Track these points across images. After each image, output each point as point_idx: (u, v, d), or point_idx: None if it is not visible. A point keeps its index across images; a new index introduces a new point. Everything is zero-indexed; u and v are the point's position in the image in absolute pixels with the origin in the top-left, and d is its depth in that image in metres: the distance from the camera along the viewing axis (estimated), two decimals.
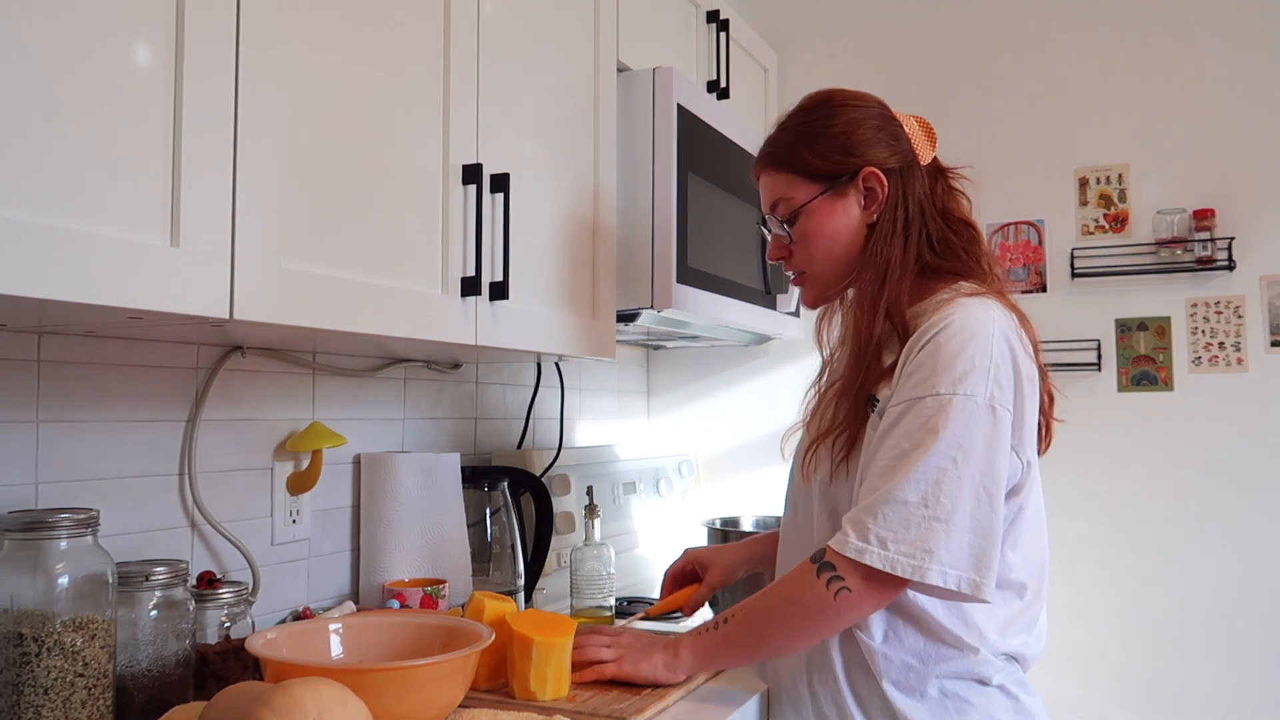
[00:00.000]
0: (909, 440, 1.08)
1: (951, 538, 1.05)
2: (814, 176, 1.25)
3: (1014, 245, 2.50)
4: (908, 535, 1.05)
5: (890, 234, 1.22)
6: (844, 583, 1.08)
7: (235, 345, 1.40)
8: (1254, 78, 2.31)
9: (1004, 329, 1.13)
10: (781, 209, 1.28)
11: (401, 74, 1.23)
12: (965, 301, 1.15)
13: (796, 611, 1.13)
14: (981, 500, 1.07)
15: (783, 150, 1.28)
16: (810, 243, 1.26)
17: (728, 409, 2.61)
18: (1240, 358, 2.29)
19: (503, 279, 1.36)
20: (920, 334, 1.13)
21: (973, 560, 1.05)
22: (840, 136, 1.24)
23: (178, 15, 0.93)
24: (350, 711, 0.87)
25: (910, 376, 1.11)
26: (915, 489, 1.06)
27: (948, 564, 1.05)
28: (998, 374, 1.10)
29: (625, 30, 1.79)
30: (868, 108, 1.27)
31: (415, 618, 1.25)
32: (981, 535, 1.06)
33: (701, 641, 1.21)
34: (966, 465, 1.06)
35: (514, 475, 1.82)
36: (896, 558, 1.05)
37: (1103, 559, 2.37)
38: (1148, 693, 2.32)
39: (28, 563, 0.97)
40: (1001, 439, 1.09)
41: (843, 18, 2.63)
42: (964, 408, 1.07)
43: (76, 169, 0.84)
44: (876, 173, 1.23)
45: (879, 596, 1.09)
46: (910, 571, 1.05)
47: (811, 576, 1.10)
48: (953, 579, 1.05)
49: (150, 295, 0.90)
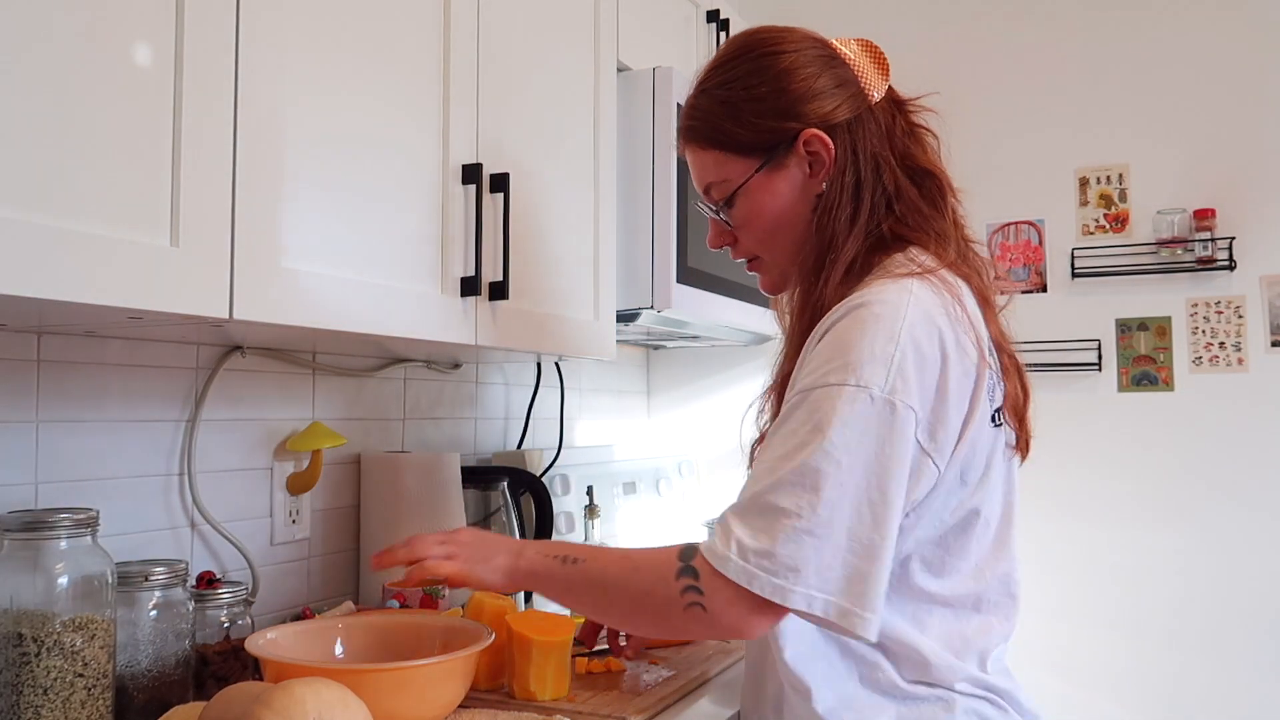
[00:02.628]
0: (794, 438, 0.91)
1: (824, 555, 0.87)
2: (745, 150, 1.06)
3: (1014, 245, 2.50)
4: (773, 547, 0.87)
5: (836, 205, 1.03)
6: (701, 597, 0.91)
7: (235, 345, 1.40)
8: (1254, 78, 2.31)
9: (922, 313, 0.95)
10: (715, 192, 1.10)
11: (401, 73, 1.23)
12: (884, 284, 0.97)
13: (642, 602, 0.97)
14: (863, 514, 0.88)
15: (704, 123, 1.09)
16: (753, 226, 1.09)
17: (728, 409, 2.60)
18: (1240, 358, 2.29)
19: (503, 279, 1.36)
20: (827, 316, 0.97)
21: (845, 583, 0.87)
22: (770, 97, 1.04)
23: (178, 15, 0.93)
24: (350, 711, 0.87)
25: (804, 367, 0.96)
26: (789, 494, 0.88)
27: (814, 586, 0.87)
28: (903, 364, 0.91)
29: (625, 30, 1.79)
30: (800, 50, 1.06)
31: (415, 618, 1.25)
32: (860, 554, 0.88)
33: (543, 565, 1.03)
34: (851, 470, 0.88)
35: (514, 475, 1.81)
36: (755, 572, 0.88)
37: (1103, 559, 2.37)
38: (1148, 692, 2.32)
39: (27, 563, 0.97)
40: (900, 441, 0.90)
41: (842, 18, 2.63)
42: (855, 400, 0.89)
43: (76, 169, 0.84)
44: (818, 134, 1.03)
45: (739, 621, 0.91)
46: (770, 591, 0.87)
47: (670, 574, 0.93)
48: (819, 604, 0.87)
49: (150, 295, 0.90)
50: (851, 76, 1.06)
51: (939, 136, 1.11)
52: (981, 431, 0.99)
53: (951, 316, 0.97)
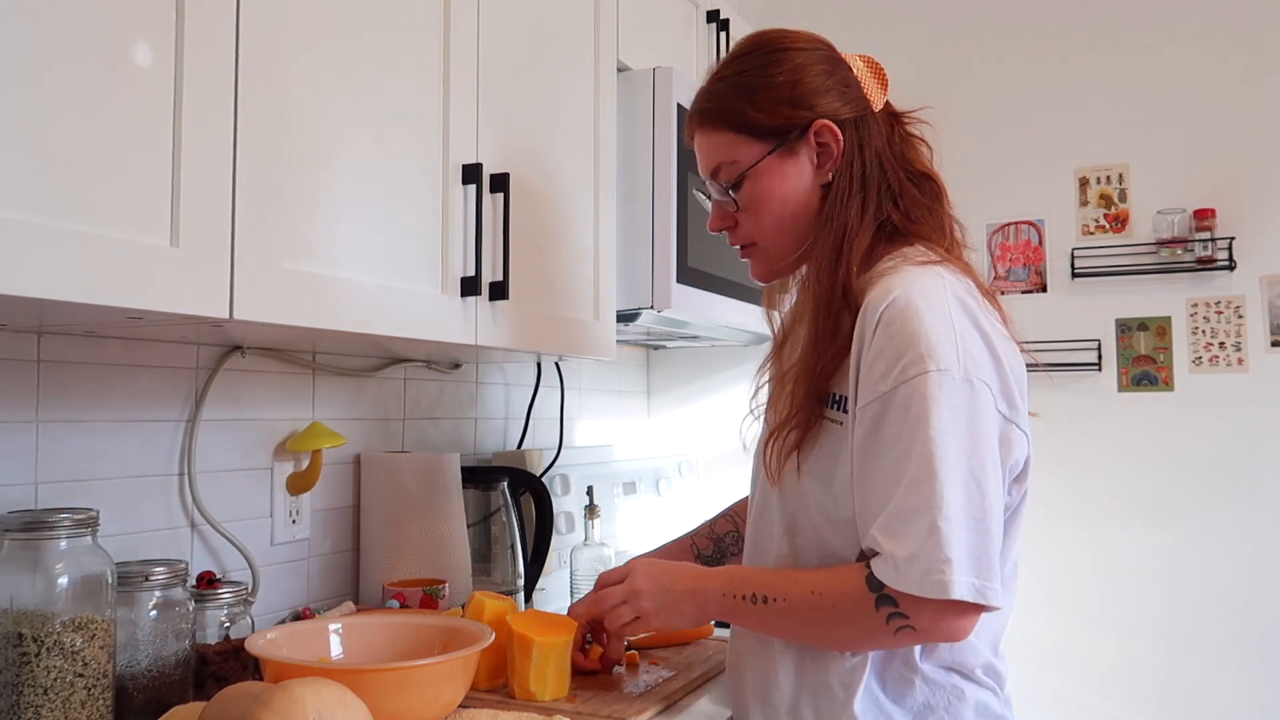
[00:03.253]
0: (899, 441, 0.95)
1: (954, 538, 0.92)
2: (759, 134, 1.10)
3: (1014, 245, 2.50)
4: (922, 548, 0.92)
5: (847, 194, 1.07)
6: (907, 621, 0.95)
7: (235, 345, 1.40)
8: (1254, 78, 2.31)
9: (957, 294, 1.00)
10: (724, 173, 1.13)
11: (402, 73, 1.23)
12: (910, 271, 1.01)
13: (850, 634, 1.01)
14: (972, 490, 0.93)
15: (720, 105, 1.12)
16: (759, 209, 1.11)
17: (728, 409, 2.61)
18: (1240, 358, 2.29)
19: (503, 279, 1.36)
20: (866, 313, 1.00)
21: (974, 562, 0.92)
22: (786, 86, 1.09)
23: (178, 15, 0.93)
24: (350, 711, 0.87)
25: (873, 368, 0.98)
26: (915, 491, 0.93)
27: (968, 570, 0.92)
28: (965, 342, 0.96)
29: (625, 30, 1.79)
30: (813, 50, 1.12)
31: (415, 618, 1.25)
32: (978, 531, 0.93)
33: (735, 608, 1.07)
34: (954, 450, 0.93)
35: (514, 475, 1.81)
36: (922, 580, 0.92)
37: (1103, 558, 2.37)
38: (1153, 692, 2.32)
39: (27, 563, 0.97)
40: (986, 416, 0.96)
41: (842, 18, 2.64)
42: (939, 384, 0.93)
43: (76, 169, 0.84)
44: (830, 125, 1.08)
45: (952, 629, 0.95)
46: (934, 590, 0.91)
47: (870, 607, 0.96)
48: (972, 588, 0.92)
49: (150, 295, 0.90)
50: (855, 81, 1.12)
51: (932, 147, 1.16)
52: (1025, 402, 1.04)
53: (976, 298, 1.03)
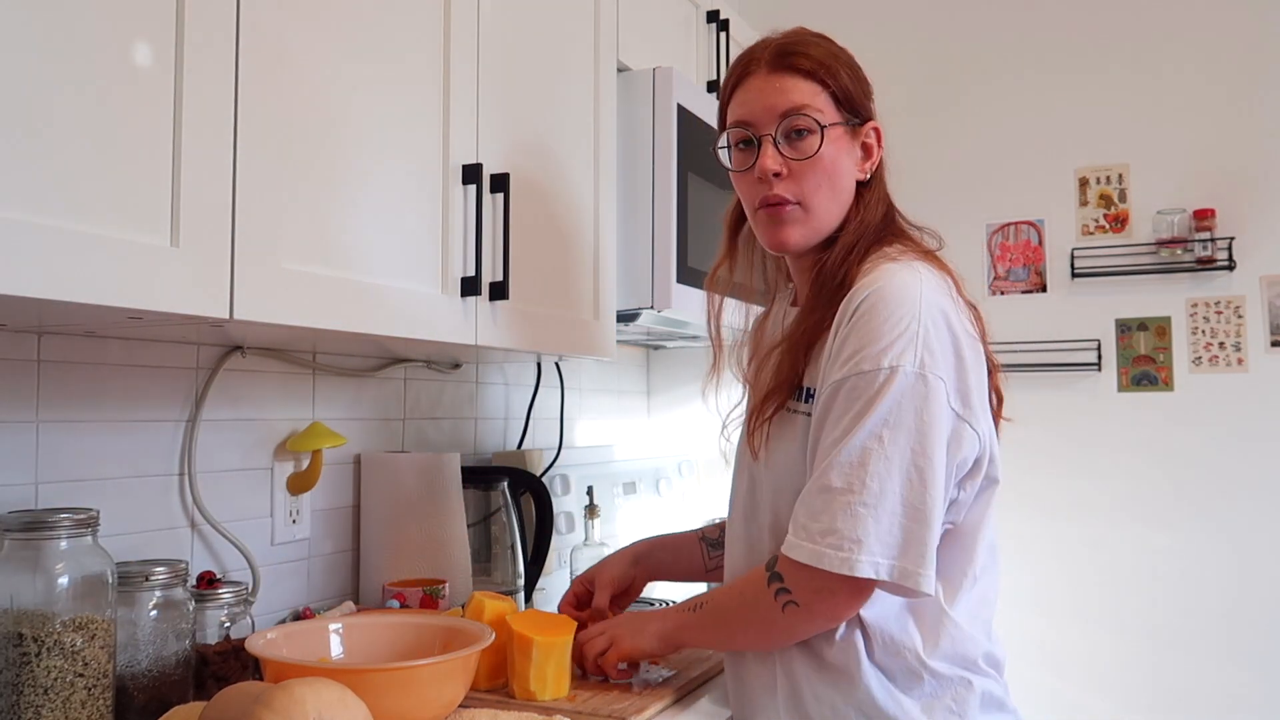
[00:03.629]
0: (839, 426, 0.99)
1: (880, 524, 0.95)
2: (843, 104, 1.13)
3: (1014, 245, 2.50)
4: (835, 524, 0.96)
5: (878, 198, 1.15)
6: (790, 596, 1.00)
7: (235, 345, 1.40)
8: (1254, 78, 2.31)
9: (932, 292, 1.04)
10: (803, 120, 1.10)
11: (402, 73, 1.23)
12: (889, 267, 1.06)
13: (750, 619, 1.07)
14: (913, 480, 0.97)
15: (823, 64, 1.12)
16: (823, 170, 1.11)
17: None
18: (1240, 358, 2.29)
19: (503, 279, 1.36)
20: (846, 303, 1.04)
21: (902, 546, 0.96)
22: (863, 80, 1.16)
23: (178, 15, 0.93)
24: (350, 711, 0.87)
25: (837, 357, 1.02)
26: (840, 474, 0.97)
27: (879, 554, 0.95)
28: (927, 339, 1.00)
29: (625, 30, 1.79)
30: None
31: (415, 618, 1.25)
32: (914, 519, 0.96)
33: (681, 619, 1.15)
34: (894, 442, 0.97)
35: (514, 475, 1.81)
36: (824, 550, 0.96)
37: (1102, 558, 2.37)
38: (1151, 692, 2.32)
39: (28, 563, 0.97)
40: (936, 410, 0.99)
41: (842, 18, 2.64)
42: (891, 380, 0.97)
43: (76, 169, 0.84)
44: (878, 129, 1.16)
45: (829, 605, 1.00)
46: (839, 564, 0.95)
47: (762, 586, 1.03)
48: (884, 569, 0.95)
49: (150, 295, 0.90)
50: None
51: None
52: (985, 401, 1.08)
53: (951, 295, 1.07)
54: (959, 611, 1.07)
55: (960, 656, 1.07)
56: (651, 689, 1.24)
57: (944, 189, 2.54)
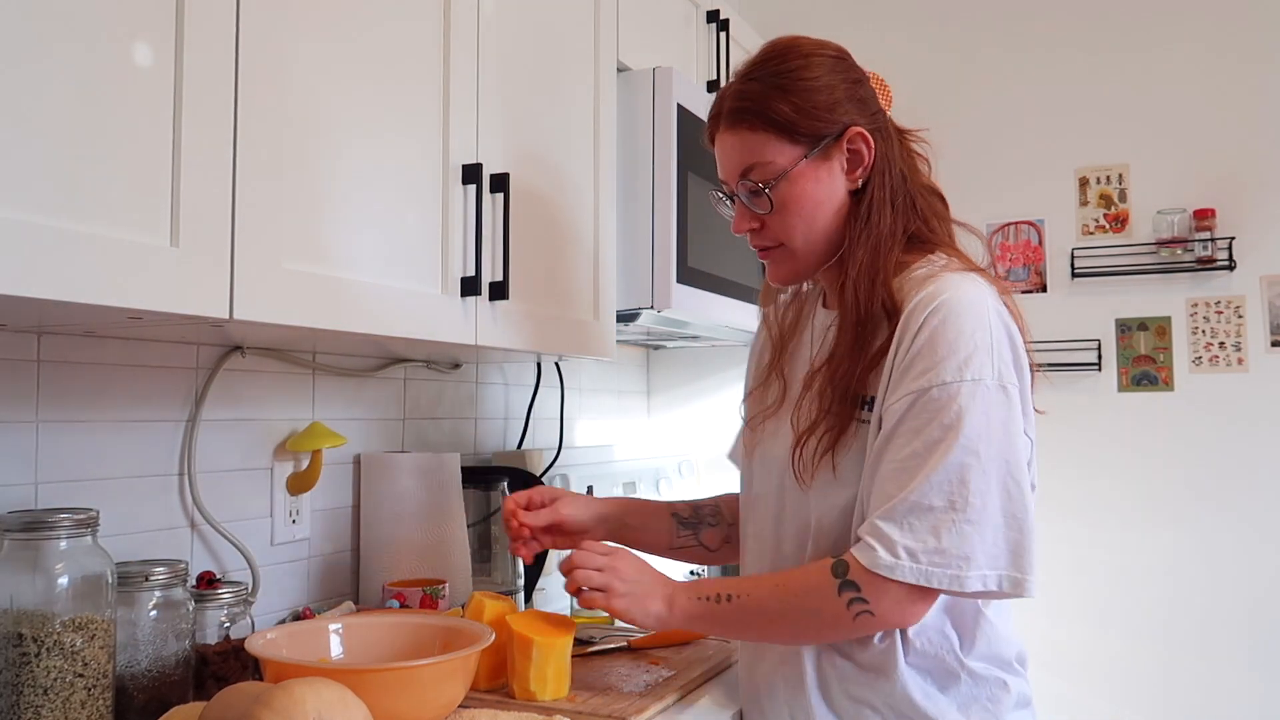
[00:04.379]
0: (922, 439, 0.99)
1: (985, 539, 0.97)
2: (796, 136, 1.09)
3: (1014, 245, 2.50)
4: (939, 544, 0.97)
5: (881, 202, 1.10)
6: (867, 606, 1.00)
7: (235, 345, 1.40)
8: (1254, 78, 2.31)
9: (996, 304, 1.06)
10: (759, 173, 1.10)
11: (402, 73, 1.23)
12: (951, 278, 1.05)
13: (809, 622, 1.06)
14: (1011, 490, 0.99)
15: (756, 104, 1.10)
16: (791, 212, 1.11)
17: (728, 409, 2.60)
18: (1240, 358, 2.29)
19: (503, 279, 1.36)
20: (910, 316, 1.03)
21: (1010, 556, 0.98)
22: (823, 90, 1.09)
23: (178, 15, 0.93)
24: (350, 711, 0.87)
25: (910, 368, 1.01)
26: (940, 492, 0.97)
27: (986, 567, 0.97)
28: (1000, 350, 1.02)
29: (625, 30, 1.79)
30: (840, 59, 1.13)
31: (415, 618, 1.25)
32: (1016, 528, 0.98)
33: (699, 608, 1.10)
34: (990, 457, 0.98)
35: (514, 475, 1.81)
36: (931, 570, 0.97)
37: (1103, 558, 2.37)
38: (1153, 692, 2.32)
39: (27, 563, 0.97)
40: (1016, 419, 1.01)
41: (842, 18, 2.64)
42: (975, 393, 0.98)
43: (77, 169, 0.84)
44: (863, 133, 1.10)
45: (905, 615, 1.01)
46: (948, 582, 0.97)
47: (832, 594, 1.01)
48: (993, 580, 0.97)
49: (150, 295, 0.90)
50: (874, 93, 1.15)
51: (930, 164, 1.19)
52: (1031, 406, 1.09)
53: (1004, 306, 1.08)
54: (994, 611, 1.10)
55: (996, 656, 1.10)
56: (651, 689, 1.24)
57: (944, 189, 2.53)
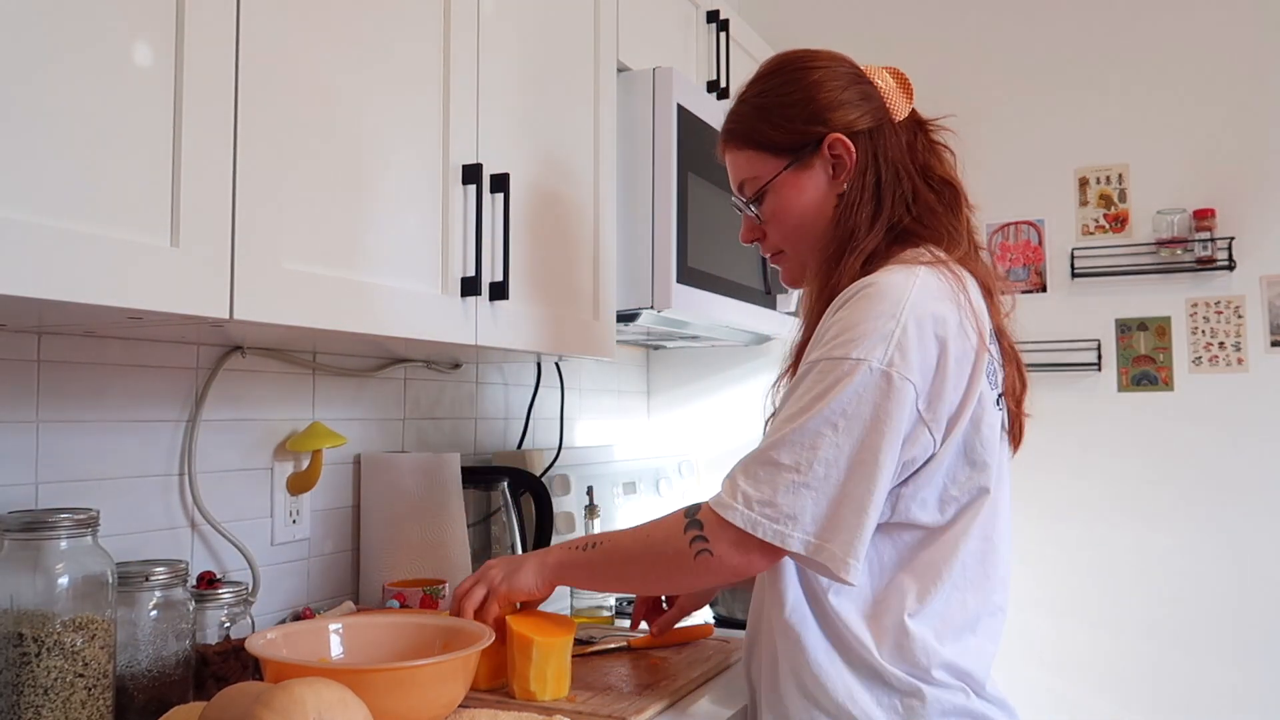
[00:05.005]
0: (798, 403, 1.03)
1: (819, 506, 0.99)
2: (777, 150, 1.18)
3: (1014, 245, 2.50)
4: (775, 498, 1.00)
5: (858, 201, 1.14)
6: (707, 544, 1.03)
7: (235, 345, 1.40)
8: (1254, 77, 2.31)
9: (924, 294, 1.05)
10: (748, 188, 1.21)
11: (402, 73, 1.23)
12: (892, 267, 1.08)
13: (657, 561, 1.09)
14: (856, 472, 0.99)
15: (742, 125, 1.21)
16: (781, 220, 1.19)
17: (728, 409, 2.61)
18: (1240, 358, 2.29)
19: (503, 279, 1.36)
20: (839, 297, 1.08)
21: (836, 532, 0.99)
22: (800, 104, 1.16)
23: (178, 15, 0.93)
24: (350, 711, 0.87)
25: (818, 340, 1.06)
26: (790, 452, 1.00)
27: (811, 533, 0.99)
28: (903, 339, 1.01)
29: (625, 30, 1.79)
30: (829, 67, 1.19)
31: (415, 618, 1.25)
32: (852, 509, 0.99)
33: (568, 557, 1.17)
34: (848, 433, 1.00)
35: (514, 475, 1.81)
36: (759, 519, 1.00)
37: (1102, 558, 2.37)
38: (1151, 691, 2.32)
39: (28, 563, 0.97)
40: (896, 409, 1.00)
41: (842, 17, 2.64)
42: (854, 372, 1.00)
43: (76, 169, 0.84)
44: (841, 139, 1.15)
45: (743, 561, 1.03)
46: (772, 535, 0.99)
47: (679, 530, 1.06)
48: (813, 548, 0.99)
49: (150, 295, 0.90)
50: (875, 93, 1.18)
51: (956, 154, 1.22)
52: (986, 411, 1.07)
53: (955, 302, 1.07)
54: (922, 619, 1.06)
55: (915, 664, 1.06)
56: (651, 689, 1.24)
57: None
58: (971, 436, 1.07)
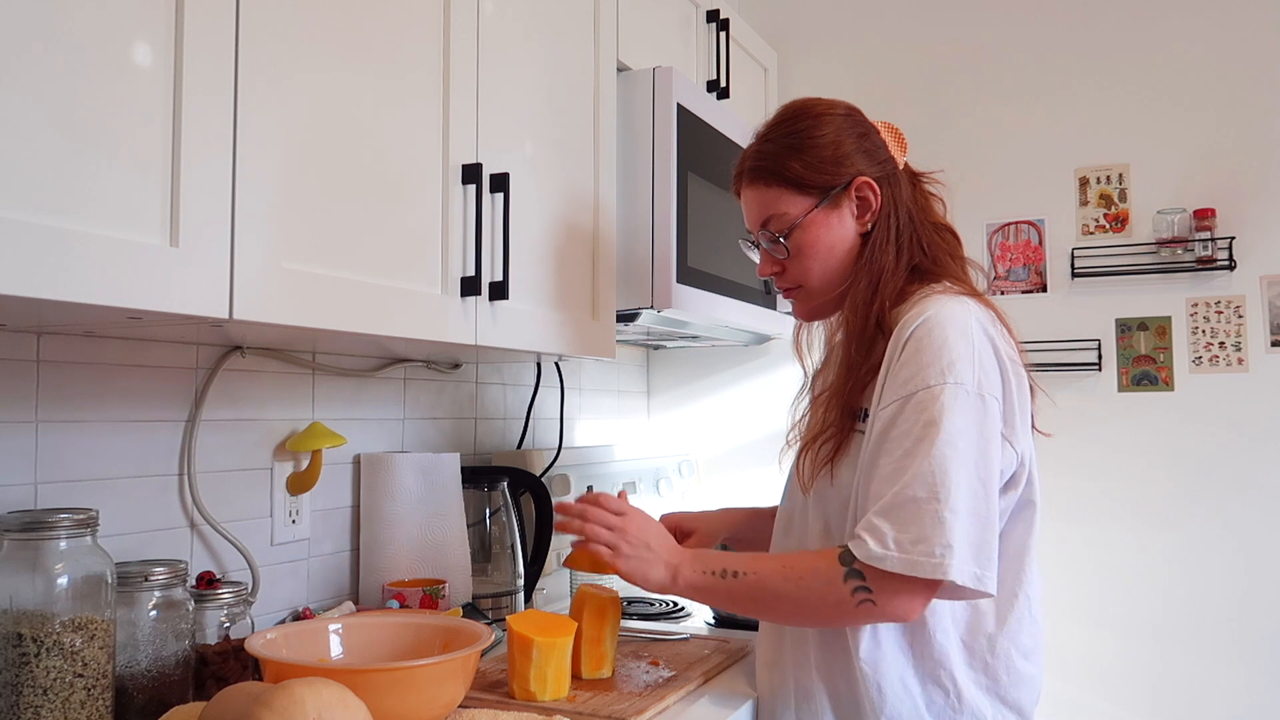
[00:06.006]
0: (909, 438, 1.06)
1: (966, 529, 1.03)
2: (807, 189, 1.23)
3: (1014, 245, 2.50)
4: (924, 533, 1.02)
5: (885, 241, 1.22)
6: (870, 595, 1.05)
7: (235, 345, 1.40)
8: (1255, 78, 2.31)
9: (980, 319, 1.14)
10: (775, 224, 1.25)
11: (401, 73, 1.23)
12: (940, 298, 1.15)
13: (814, 605, 1.10)
14: (977, 490, 1.04)
15: (771, 163, 1.25)
16: (806, 257, 1.24)
17: (728, 409, 2.61)
18: (1240, 358, 2.29)
19: (503, 279, 1.36)
20: (899, 332, 1.13)
21: (973, 552, 1.03)
22: (830, 146, 1.23)
23: (178, 15, 0.93)
24: (350, 711, 0.87)
25: (898, 375, 1.10)
26: (923, 484, 1.03)
27: (969, 559, 1.02)
28: (981, 361, 1.09)
29: (625, 30, 1.79)
30: (847, 116, 1.26)
31: (415, 618, 1.25)
32: (980, 526, 1.04)
33: (704, 581, 1.16)
34: (966, 455, 1.04)
35: (514, 475, 1.81)
36: (917, 559, 1.02)
37: (1102, 558, 2.37)
38: (1152, 691, 2.32)
39: (27, 563, 0.97)
40: (992, 426, 1.08)
41: (843, 17, 2.63)
42: (955, 395, 1.06)
43: (76, 168, 0.84)
44: (869, 182, 1.22)
45: (907, 605, 1.06)
46: (932, 570, 1.01)
47: (838, 579, 1.07)
48: (975, 577, 1.02)
49: (150, 295, 0.89)
50: (883, 144, 1.27)
51: (946, 204, 1.32)
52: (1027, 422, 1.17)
53: (999, 328, 1.17)
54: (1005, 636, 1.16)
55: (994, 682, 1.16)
56: (651, 689, 1.24)
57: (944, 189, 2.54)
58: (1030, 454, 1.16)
